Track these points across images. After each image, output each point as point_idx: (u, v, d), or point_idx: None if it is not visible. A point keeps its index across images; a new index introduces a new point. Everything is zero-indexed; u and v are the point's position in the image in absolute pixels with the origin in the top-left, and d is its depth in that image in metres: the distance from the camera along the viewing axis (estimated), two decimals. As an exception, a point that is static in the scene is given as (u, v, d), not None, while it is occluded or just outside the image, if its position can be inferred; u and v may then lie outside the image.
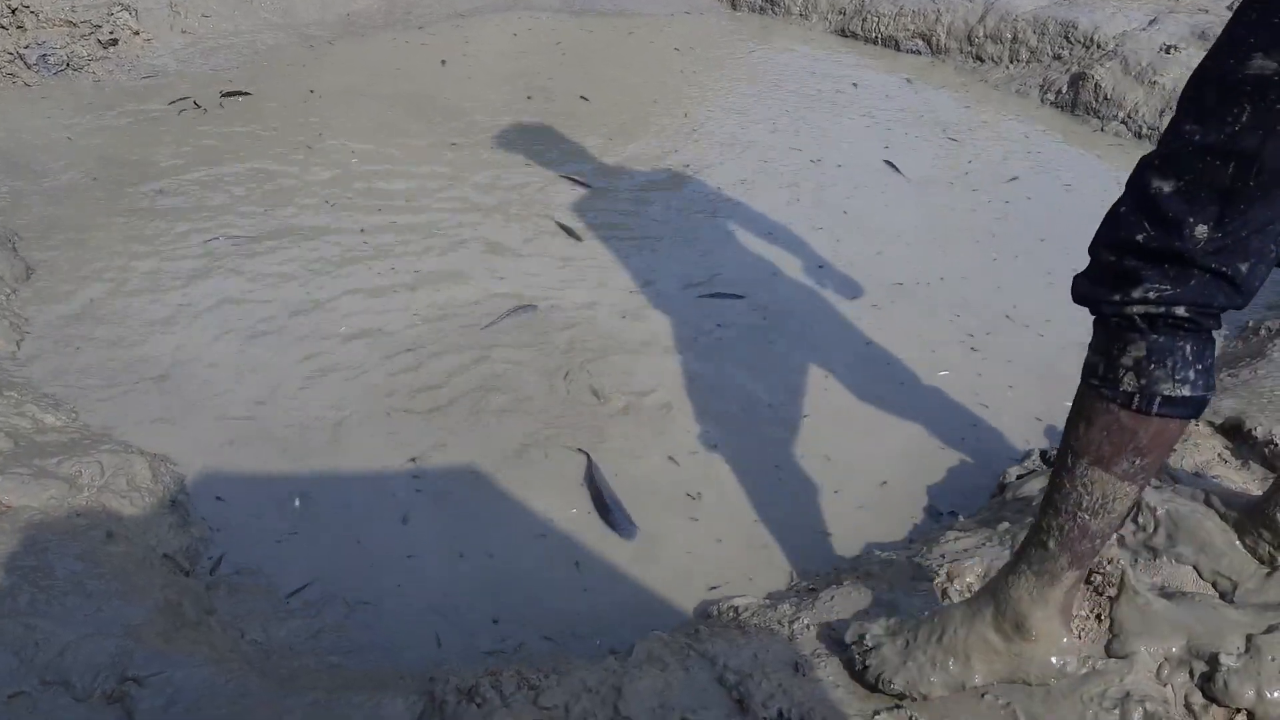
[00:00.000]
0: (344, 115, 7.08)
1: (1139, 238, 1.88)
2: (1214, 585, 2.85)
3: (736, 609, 2.94)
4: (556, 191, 6.06)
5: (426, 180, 6.12)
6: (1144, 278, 1.89)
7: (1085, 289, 2.00)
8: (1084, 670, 2.42)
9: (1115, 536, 2.89)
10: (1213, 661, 2.49)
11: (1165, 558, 2.88)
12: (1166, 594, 2.72)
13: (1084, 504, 2.08)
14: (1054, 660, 2.33)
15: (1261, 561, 2.83)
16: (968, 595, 2.81)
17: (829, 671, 2.55)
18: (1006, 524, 3.11)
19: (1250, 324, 4.66)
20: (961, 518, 3.40)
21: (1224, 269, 1.83)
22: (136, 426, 3.86)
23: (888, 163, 6.65)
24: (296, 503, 3.54)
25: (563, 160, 6.52)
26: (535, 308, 4.73)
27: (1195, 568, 2.88)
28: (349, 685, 2.65)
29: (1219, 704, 2.46)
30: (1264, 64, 1.69)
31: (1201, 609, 2.63)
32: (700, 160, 6.62)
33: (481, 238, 5.46)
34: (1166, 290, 1.87)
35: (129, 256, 5.09)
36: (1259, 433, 3.36)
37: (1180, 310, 1.87)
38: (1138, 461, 2.01)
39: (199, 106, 7.10)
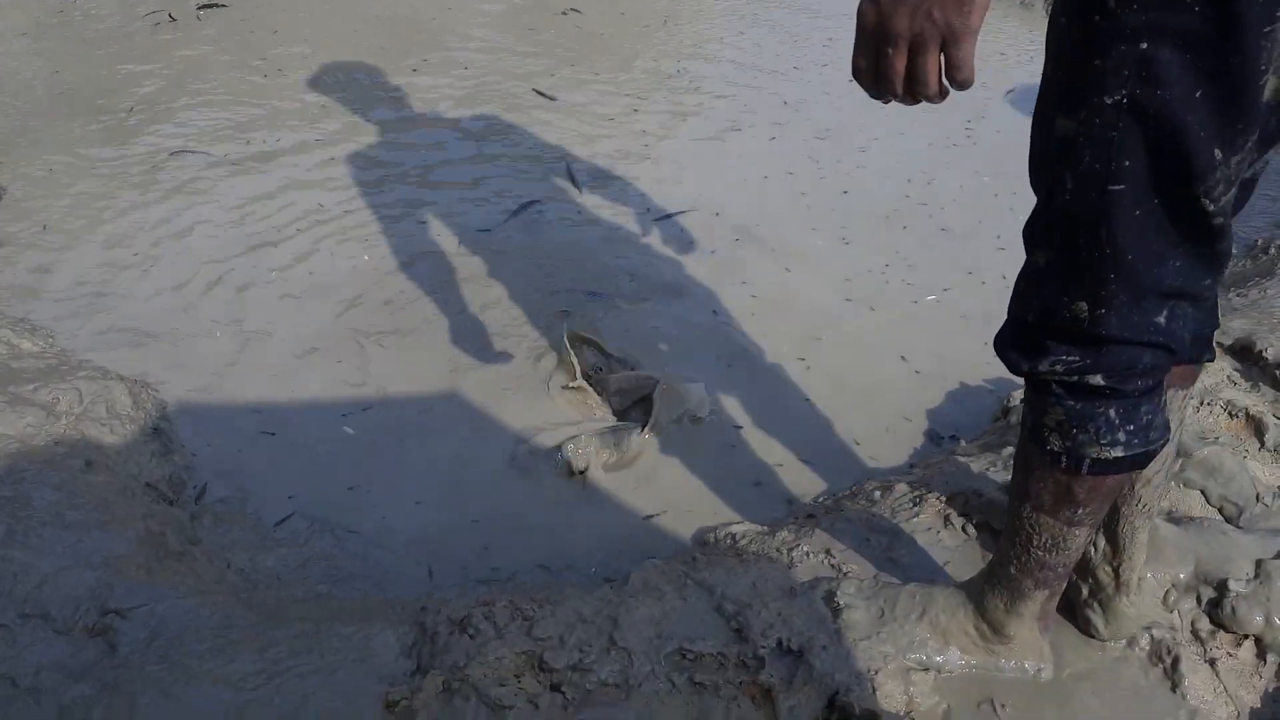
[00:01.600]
0: (322, 29, 6.83)
1: (1030, 317, 1.74)
2: (1221, 511, 2.79)
3: (734, 536, 2.88)
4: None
5: (405, 99, 5.92)
6: (1050, 350, 1.73)
7: (1002, 349, 1.85)
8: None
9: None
10: (1221, 587, 2.44)
11: (1172, 482, 2.81)
12: (1173, 519, 2.66)
13: (1034, 543, 2.05)
14: (1028, 666, 2.31)
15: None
16: (962, 518, 2.76)
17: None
18: (1010, 448, 3.03)
19: (1259, 242, 4.55)
20: (963, 442, 3.33)
21: (1134, 336, 1.65)
22: (113, 352, 3.75)
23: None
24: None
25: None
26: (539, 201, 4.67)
27: (1203, 492, 2.82)
28: (337, 616, 2.58)
29: (1226, 630, 2.42)
30: (1065, 124, 1.53)
31: (1209, 534, 2.57)
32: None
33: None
34: (1075, 361, 1.70)
35: (100, 178, 4.92)
36: (1270, 354, 3.27)
37: (1096, 379, 1.71)
38: (1079, 511, 1.94)
39: (173, 19, 6.84)
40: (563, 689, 2.29)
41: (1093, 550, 2.34)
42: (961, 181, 5.28)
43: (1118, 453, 1.80)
